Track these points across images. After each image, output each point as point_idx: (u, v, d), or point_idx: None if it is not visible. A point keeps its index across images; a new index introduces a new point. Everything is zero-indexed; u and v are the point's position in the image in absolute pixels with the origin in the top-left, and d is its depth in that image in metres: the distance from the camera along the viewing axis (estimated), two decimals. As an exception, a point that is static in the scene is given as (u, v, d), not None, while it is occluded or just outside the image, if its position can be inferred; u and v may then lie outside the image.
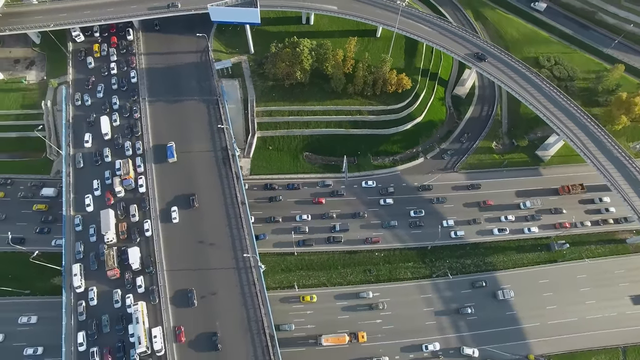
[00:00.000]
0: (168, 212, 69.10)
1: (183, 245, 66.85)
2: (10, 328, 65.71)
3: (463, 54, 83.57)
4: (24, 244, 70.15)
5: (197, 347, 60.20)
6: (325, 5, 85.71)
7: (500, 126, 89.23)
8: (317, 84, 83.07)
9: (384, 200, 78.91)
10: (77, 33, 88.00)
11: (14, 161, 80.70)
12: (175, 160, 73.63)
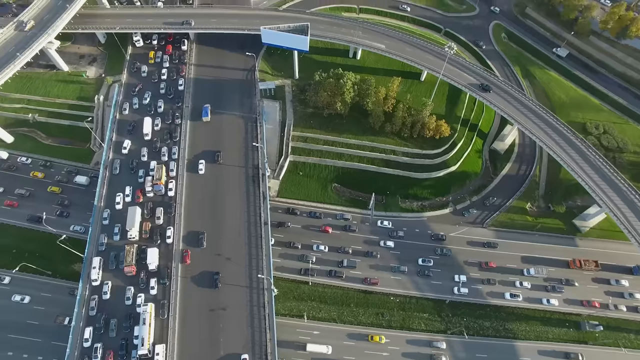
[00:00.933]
0: (190, 219, 73.95)
1: (201, 255, 70.71)
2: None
3: (506, 109, 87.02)
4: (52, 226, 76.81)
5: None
6: (373, 42, 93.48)
7: (537, 188, 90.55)
8: (355, 118, 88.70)
9: (385, 242, 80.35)
10: (137, 38, 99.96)
11: (60, 146, 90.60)
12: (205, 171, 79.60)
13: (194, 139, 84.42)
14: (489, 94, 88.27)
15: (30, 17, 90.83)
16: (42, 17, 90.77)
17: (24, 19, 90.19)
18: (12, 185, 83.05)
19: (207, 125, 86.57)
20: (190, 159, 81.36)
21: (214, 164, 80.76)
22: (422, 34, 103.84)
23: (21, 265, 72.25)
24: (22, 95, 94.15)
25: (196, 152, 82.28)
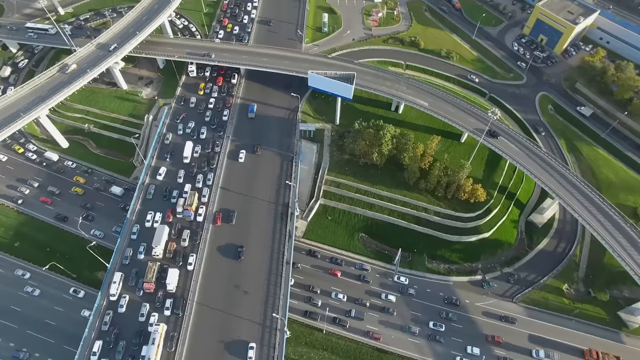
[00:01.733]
0: (214, 248, 78.55)
1: (217, 283, 74.41)
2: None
3: (547, 181, 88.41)
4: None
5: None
6: (417, 99, 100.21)
7: (576, 269, 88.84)
8: (390, 170, 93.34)
9: (398, 299, 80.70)
10: (192, 69, 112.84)
11: (106, 157, 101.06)
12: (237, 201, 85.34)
13: (230, 168, 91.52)
14: (531, 164, 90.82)
15: (106, 40, 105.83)
16: (114, 41, 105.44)
17: (101, 41, 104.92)
18: (55, 184, 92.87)
19: (245, 159, 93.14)
20: (224, 187, 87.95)
21: (246, 196, 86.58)
22: (465, 96, 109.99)
23: (51, 264, 78.80)
24: (83, 106, 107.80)
25: (230, 181, 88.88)
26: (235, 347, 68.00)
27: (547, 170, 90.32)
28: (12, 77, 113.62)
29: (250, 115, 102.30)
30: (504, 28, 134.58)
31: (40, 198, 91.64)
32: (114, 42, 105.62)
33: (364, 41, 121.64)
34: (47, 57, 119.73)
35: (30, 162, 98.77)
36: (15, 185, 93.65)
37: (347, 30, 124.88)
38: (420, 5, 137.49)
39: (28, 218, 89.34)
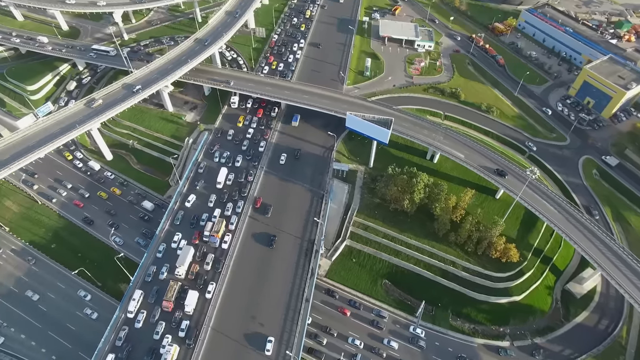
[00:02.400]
0: (236, 277, 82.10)
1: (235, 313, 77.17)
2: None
3: (589, 250, 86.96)
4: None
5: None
6: (453, 150, 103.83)
7: (622, 353, 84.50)
8: (420, 219, 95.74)
9: (389, 342, 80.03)
10: (234, 100, 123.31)
11: (144, 173, 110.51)
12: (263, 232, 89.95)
13: (260, 195, 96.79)
14: (570, 229, 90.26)
15: (160, 64, 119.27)
16: (167, 66, 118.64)
17: (156, 66, 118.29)
18: (90, 190, 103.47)
19: (276, 189, 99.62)
20: (251, 218, 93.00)
21: (274, 228, 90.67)
22: (504, 152, 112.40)
23: (80, 269, 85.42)
24: (131, 123, 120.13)
25: (259, 213, 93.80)
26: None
27: (589, 237, 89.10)
28: (75, 91, 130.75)
29: (293, 124, 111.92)
30: (548, 87, 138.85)
31: (74, 201, 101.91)
32: (167, 67, 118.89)
33: (405, 88, 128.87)
34: (107, 76, 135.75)
35: (76, 169, 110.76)
36: (56, 187, 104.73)
37: (389, 76, 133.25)
38: (463, 58, 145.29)
39: (66, 222, 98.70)
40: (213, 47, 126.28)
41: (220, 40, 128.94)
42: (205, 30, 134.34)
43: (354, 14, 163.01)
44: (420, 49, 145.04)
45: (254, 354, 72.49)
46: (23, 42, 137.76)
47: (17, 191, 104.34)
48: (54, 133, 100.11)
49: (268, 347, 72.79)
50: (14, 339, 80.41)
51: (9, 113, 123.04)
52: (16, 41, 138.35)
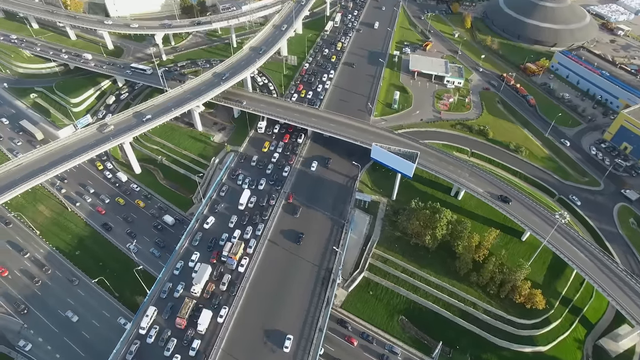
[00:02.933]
0: (249, 302, 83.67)
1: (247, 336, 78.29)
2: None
3: (626, 305, 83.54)
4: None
5: None
6: (478, 188, 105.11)
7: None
8: (441, 256, 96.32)
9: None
10: (261, 125, 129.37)
11: (169, 189, 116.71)
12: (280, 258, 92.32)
13: (280, 223, 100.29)
14: (604, 280, 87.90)
15: (194, 85, 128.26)
16: (200, 87, 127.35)
17: (190, 86, 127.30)
18: (111, 199, 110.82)
19: (294, 210, 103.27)
20: (272, 240, 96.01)
21: (290, 253, 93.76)
22: (531, 193, 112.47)
23: (99, 278, 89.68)
24: (161, 139, 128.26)
25: (278, 237, 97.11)
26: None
27: (626, 291, 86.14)
28: (113, 105, 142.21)
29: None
30: (581, 130, 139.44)
31: (97, 207, 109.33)
32: (200, 88, 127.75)
33: (432, 123, 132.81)
34: (143, 93, 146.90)
35: (105, 179, 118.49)
36: (85, 195, 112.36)
37: (417, 110, 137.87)
38: (492, 96, 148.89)
39: (91, 230, 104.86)
40: (245, 72, 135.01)
41: (253, 66, 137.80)
42: (239, 55, 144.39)
43: (384, 47, 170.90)
44: (449, 85, 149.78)
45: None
46: (70, 58, 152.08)
47: (50, 197, 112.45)
48: (90, 144, 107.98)
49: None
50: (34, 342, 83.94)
51: (52, 123, 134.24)
52: (64, 57, 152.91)
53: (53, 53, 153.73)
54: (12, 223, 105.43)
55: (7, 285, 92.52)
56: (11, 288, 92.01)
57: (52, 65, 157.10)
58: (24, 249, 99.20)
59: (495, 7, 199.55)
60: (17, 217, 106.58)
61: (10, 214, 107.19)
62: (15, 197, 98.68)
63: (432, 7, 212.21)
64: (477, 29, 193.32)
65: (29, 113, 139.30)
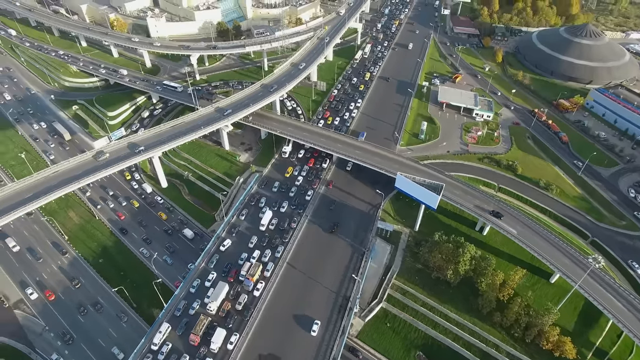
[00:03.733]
0: (262, 326, 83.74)
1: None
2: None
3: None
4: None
5: None
6: (505, 224, 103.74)
7: None
8: (463, 292, 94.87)
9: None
10: (285, 150, 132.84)
11: (192, 205, 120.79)
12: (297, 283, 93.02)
13: (300, 247, 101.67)
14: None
15: (224, 105, 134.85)
16: (230, 107, 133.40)
17: (220, 105, 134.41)
18: (134, 208, 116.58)
19: (318, 238, 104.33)
20: (290, 263, 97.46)
21: (309, 278, 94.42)
22: (562, 233, 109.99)
23: (119, 288, 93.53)
24: (188, 155, 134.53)
25: (297, 261, 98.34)
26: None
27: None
28: (147, 120, 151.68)
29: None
30: (618, 171, 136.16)
31: (117, 212, 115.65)
32: (230, 108, 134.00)
33: (459, 155, 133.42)
34: (175, 110, 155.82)
35: (131, 189, 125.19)
36: (112, 205, 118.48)
37: (444, 141, 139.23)
38: (522, 132, 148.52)
39: (115, 239, 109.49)
40: (275, 94, 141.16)
41: (282, 89, 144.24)
42: (270, 78, 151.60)
43: (414, 78, 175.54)
44: (478, 118, 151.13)
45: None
46: (108, 73, 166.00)
47: (80, 204, 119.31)
48: (121, 156, 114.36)
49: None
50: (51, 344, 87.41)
51: (89, 134, 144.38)
52: (102, 72, 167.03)
53: (93, 68, 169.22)
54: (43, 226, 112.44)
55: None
56: (45, 276, 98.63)
57: (94, 80, 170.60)
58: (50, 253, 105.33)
59: (528, 43, 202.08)
60: (49, 221, 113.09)
61: (44, 218, 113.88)
62: (49, 202, 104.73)
63: (463, 41, 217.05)
64: (508, 64, 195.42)
65: (69, 123, 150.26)
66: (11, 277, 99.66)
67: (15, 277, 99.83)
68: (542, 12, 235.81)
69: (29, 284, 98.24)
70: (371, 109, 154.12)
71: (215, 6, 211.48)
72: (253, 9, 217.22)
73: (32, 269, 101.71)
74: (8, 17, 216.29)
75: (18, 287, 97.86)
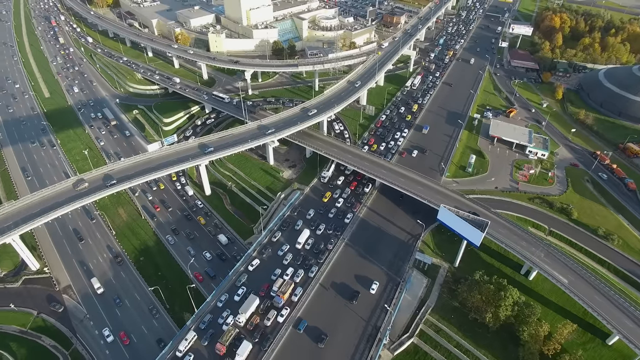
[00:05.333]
0: (285, 349, 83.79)
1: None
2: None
3: None
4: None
5: None
6: (554, 271, 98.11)
7: None
8: (502, 339, 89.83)
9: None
10: (325, 175, 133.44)
11: (232, 215, 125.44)
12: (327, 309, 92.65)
13: (333, 270, 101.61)
14: None
15: (271, 121, 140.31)
16: (278, 124, 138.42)
17: (267, 122, 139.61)
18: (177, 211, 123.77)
19: (354, 264, 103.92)
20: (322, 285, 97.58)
21: (339, 303, 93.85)
22: (623, 289, 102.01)
23: (155, 288, 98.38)
24: (233, 166, 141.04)
25: (329, 283, 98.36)
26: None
27: None
28: (199, 128, 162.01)
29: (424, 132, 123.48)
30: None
31: (155, 205, 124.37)
32: (278, 124, 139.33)
33: (507, 193, 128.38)
34: (225, 122, 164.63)
35: (174, 190, 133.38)
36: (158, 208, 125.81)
37: (492, 177, 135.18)
38: (581, 174, 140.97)
39: (157, 239, 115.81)
40: (322, 115, 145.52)
41: (330, 111, 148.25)
42: (319, 98, 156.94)
43: (465, 109, 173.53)
44: (531, 156, 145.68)
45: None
46: (161, 80, 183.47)
47: (129, 203, 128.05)
48: (171, 161, 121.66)
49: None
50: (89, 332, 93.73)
51: (144, 137, 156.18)
52: (156, 77, 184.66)
53: (151, 74, 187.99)
54: (95, 219, 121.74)
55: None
56: (91, 266, 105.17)
57: (154, 88, 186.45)
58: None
59: (594, 80, 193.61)
60: (101, 216, 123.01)
61: (96, 212, 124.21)
62: (102, 198, 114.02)
63: (520, 74, 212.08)
64: (569, 101, 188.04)
65: (128, 126, 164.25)
66: (64, 264, 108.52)
67: (67, 264, 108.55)
68: (613, 49, 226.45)
69: (78, 272, 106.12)
70: (419, 138, 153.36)
71: (273, 26, 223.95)
72: (309, 30, 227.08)
73: (81, 257, 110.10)
74: (92, 29, 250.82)
75: (68, 273, 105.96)
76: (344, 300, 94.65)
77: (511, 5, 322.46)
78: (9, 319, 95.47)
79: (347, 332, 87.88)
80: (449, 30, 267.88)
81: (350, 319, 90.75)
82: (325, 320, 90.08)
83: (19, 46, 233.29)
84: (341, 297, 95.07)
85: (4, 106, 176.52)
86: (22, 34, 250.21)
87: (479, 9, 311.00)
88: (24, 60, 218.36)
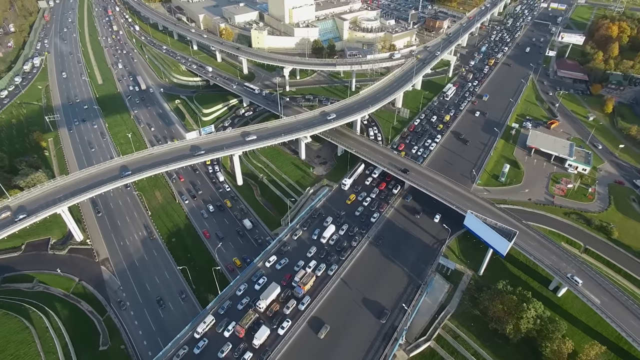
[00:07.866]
0: (299, 343, 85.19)
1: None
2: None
3: None
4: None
5: None
6: (586, 290, 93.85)
7: None
8: (522, 352, 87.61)
9: None
10: (346, 183, 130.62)
11: (261, 205, 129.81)
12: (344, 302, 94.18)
13: (356, 266, 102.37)
14: None
15: (305, 118, 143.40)
16: (311, 120, 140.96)
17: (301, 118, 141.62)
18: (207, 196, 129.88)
19: (375, 264, 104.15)
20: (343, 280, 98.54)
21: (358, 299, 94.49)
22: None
23: (183, 267, 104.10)
24: (266, 159, 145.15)
25: (351, 280, 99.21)
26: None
27: None
28: (237, 119, 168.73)
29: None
30: None
31: (180, 175, 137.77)
32: (312, 121, 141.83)
33: (541, 206, 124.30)
34: (262, 116, 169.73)
35: (206, 174, 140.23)
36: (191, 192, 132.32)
37: (526, 188, 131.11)
38: (627, 193, 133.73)
39: (189, 223, 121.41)
40: (357, 114, 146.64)
41: (365, 111, 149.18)
42: (355, 98, 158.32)
43: (503, 118, 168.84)
44: (570, 170, 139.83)
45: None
46: (197, 68, 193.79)
47: (166, 186, 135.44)
48: (207, 149, 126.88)
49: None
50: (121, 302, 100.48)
51: (184, 126, 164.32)
52: (194, 67, 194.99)
53: (196, 67, 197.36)
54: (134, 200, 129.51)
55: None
56: (127, 242, 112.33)
57: (197, 79, 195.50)
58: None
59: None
60: (139, 196, 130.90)
61: (135, 192, 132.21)
62: (140, 180, 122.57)
63: (566, 85, 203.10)
64: (620, 115, 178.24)
65: (170, 115, 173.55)
66: (103, 237, 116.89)
67: (106, 237, 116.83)
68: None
69: (115, 247, 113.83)
70: (452, 143, 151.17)
71: (315, 25, 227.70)
72: (349, 31, 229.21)
73: (119, 233, 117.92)
74: (144, 22, 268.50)
75: (107, 247, 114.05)
76: (361, 296, 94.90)
77: (564, 13, 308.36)
78: (56, 282, 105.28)
79: (362, 329, 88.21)
80: (492, 37, 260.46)
81: (368, 315, 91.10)
82: (342, 315, 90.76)
83: (80, 37, 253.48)
84: (361, 292, 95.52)
85: (66, 90, 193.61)
86: (84, 25, 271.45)
87: (527, 16, 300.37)
88: (83, 49, 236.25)
